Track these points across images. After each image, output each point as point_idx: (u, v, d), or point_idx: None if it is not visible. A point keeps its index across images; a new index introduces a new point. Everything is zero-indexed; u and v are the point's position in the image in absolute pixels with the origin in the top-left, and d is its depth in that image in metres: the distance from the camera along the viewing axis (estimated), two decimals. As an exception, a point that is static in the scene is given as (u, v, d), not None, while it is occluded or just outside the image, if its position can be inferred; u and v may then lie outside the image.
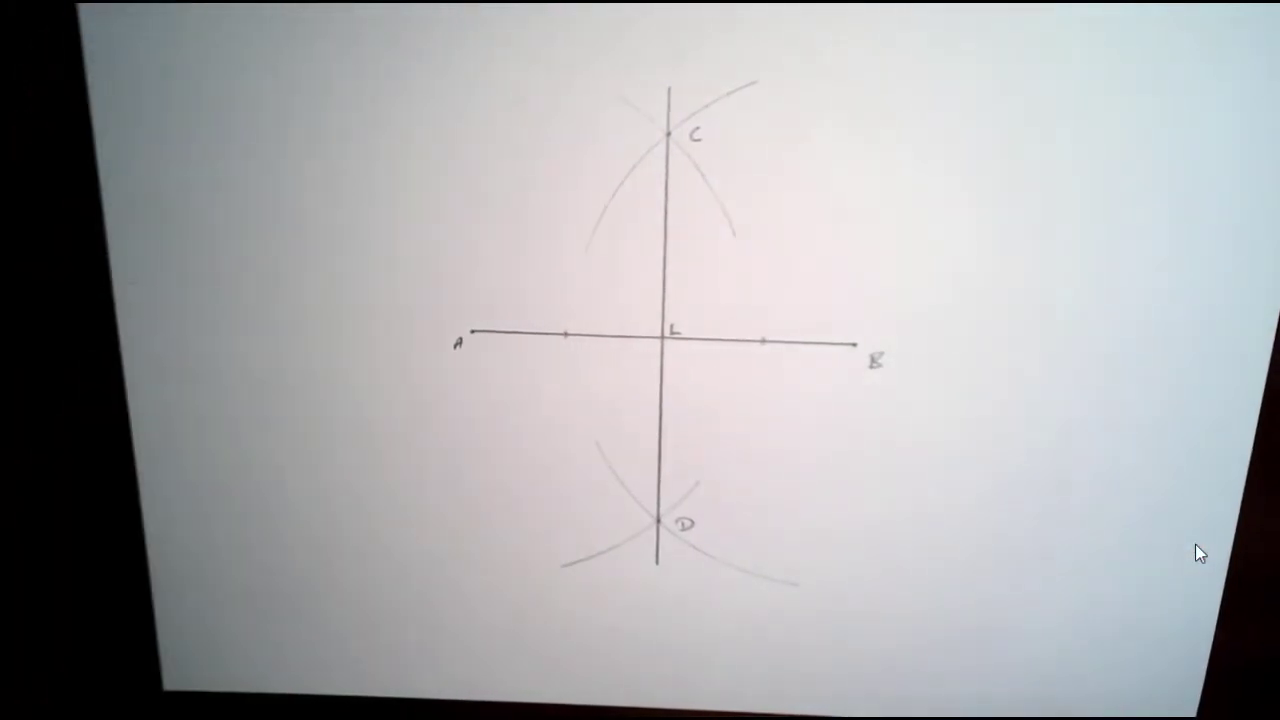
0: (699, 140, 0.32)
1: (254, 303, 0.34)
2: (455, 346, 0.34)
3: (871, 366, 0.34)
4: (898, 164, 0.32)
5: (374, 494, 0.35)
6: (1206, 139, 0.31)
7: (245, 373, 0.34)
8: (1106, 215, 0.32)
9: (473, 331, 0.34)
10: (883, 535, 0.35)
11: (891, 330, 0.33)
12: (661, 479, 0.35)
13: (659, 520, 0.36)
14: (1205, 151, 0.31)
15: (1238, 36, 0.30)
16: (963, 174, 0.32)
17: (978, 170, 0.32)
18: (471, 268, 0.33)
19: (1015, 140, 0.32)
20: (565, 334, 0.34)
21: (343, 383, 0.34)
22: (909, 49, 0.31)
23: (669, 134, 0.32)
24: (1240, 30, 0.30)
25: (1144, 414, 0.34)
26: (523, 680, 0.37)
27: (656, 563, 0.36)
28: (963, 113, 0.31)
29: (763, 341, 0.34)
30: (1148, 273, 0.32)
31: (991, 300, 0.33)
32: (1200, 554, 0.28)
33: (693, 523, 0.36)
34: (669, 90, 0.32)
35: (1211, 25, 0.30)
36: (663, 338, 0.34)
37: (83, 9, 0.31)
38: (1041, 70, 0.31)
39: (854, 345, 0.34)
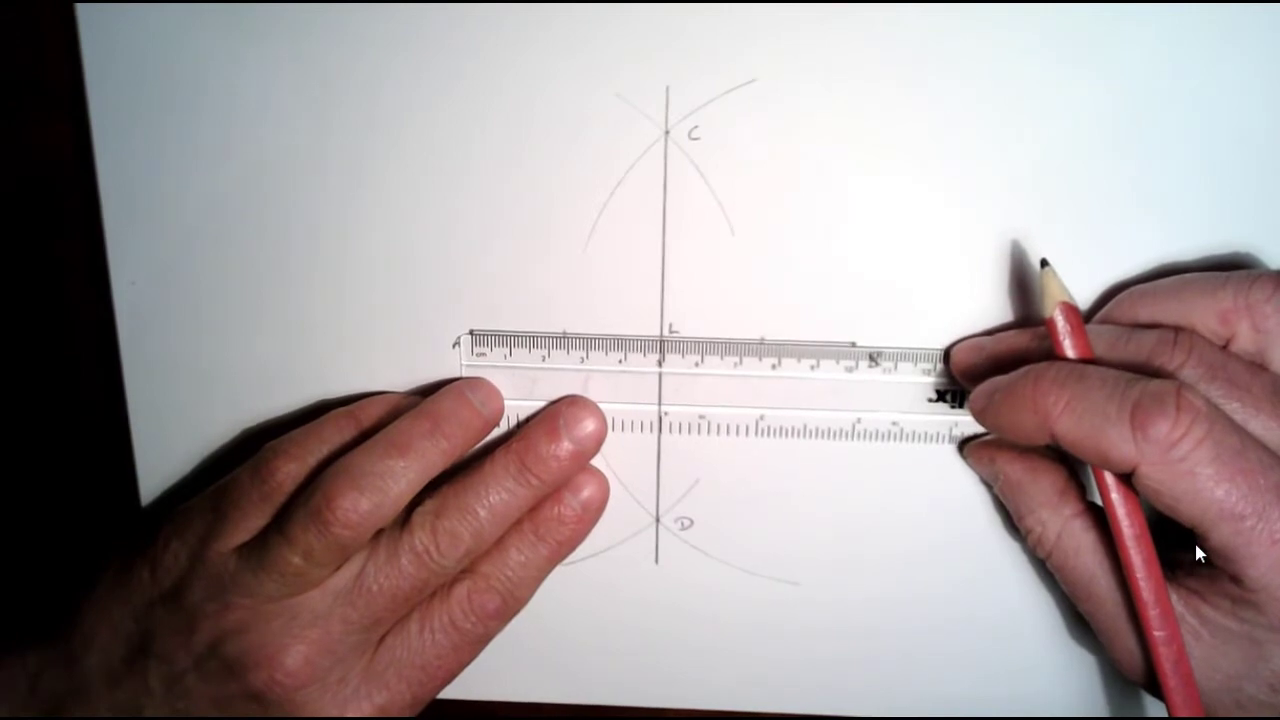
0: (697, 139, 0.32)
1: (253, 302, 0.34)
2: (453, 346, 0.34)
3: (870, 365, 0.34)
4: (898, 162, 0.32)
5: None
6: (1210, 139, 0.31)
7: (244, 373, 0.34)
8: (1107, 215, 0.32)
9: (471, 331, 0.34)
10: (885, 534, 0.35)
11: (891, 329, 0.33)
12: (660, 478, 0.35)
13: (658, 519, 0.36)
14: (1208, 153, 0.31)
15: (1245, 42, 0.30)
16: (963, 172, 0.32)
17: (978, 169, 0.32)
18: (469, 267, 0.33)
19: (1016, 139, 0.31)
20: (564, 333, 0.34)
21: (342, 382, 0.34)
22: (909, 47, 0.31)
23: (667, 133, 0.32)
24: (1248, 38, 0.30)
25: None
26: (521, 679, 0.37)
27: (656, 562, 0.36)
28: (964, 111, 0.31)
29: (762, 340, 0.34)
30: (1148, 273, 0.32)
31: (993, 298, 0.33)
32: (1201, 554, 0.28)
33: (692, 522, 0.36)
34: (667, 89, 0.32)
35: (1217, 24, 0.30)
36: (662, 337, 0.34)
37: (81, 9, 0.31)
38: (1043, 70, 0.31)
39: (853, 344, 0.34)
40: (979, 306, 0.33)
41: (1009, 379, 0.29)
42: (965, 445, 0.34)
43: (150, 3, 0.31)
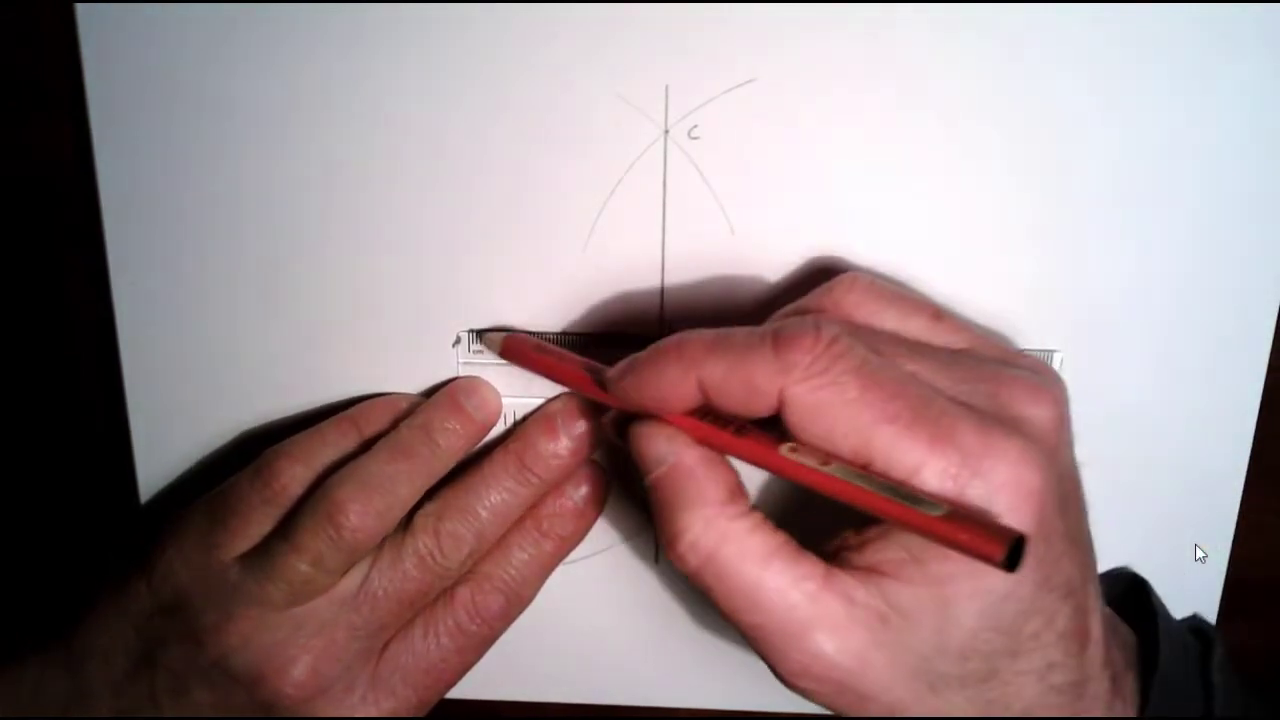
0: (697, 138, 0.32)
1: (252, 302, 0.34)
2: (453, 345, 0.34)
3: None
4: (898, 161, 0.32)
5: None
6: (1209, 136, 0.31)
7: (244, 372, 0.34)
8: (1107, 214, 0.32)
9: (471, 330, 0.34)
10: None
11: (891, 329, 0.33)
12: (660, 478, 0.35)
13: (658, 519, 0.36)
14: (1207, 151, 0.31)
15: (1248, 31, 0.30)
16: (963, 172, 0.32)
17: (979, 168, 0.32)
18: (469, 267, 0.33)
19: (1017, 138, 0.31)
20: (563, 333, 0.34)
21: (341, 381, 0.34)
22: (909, 46, 0.31)
23: (667, 132, 0.32)
24: (1250, 26, 0.30)
25: (1142, 412, 0.34)
26: (522, 679, 0.37)
27: (656, 561, 0.36)
28: (964, 110, 0.31)
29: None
30: (1146, 271, 0.32)
31: (991, 298, 0.33)
32: (1200, 554, 0.28)
33: (692, 522, 0.36)
34: (666, 88, 0.32)
35: (1220, 19, 0.30)
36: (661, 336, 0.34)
37: (80, 9, 0.31)
38: (1044, 68, 0.31)
39: (853, 344, 0.34)
40: (978, 304, 0.33)
41: (651, 347, 0.28)
42: (631, 424, 0.29)
43: (150, 2, 0.31)
